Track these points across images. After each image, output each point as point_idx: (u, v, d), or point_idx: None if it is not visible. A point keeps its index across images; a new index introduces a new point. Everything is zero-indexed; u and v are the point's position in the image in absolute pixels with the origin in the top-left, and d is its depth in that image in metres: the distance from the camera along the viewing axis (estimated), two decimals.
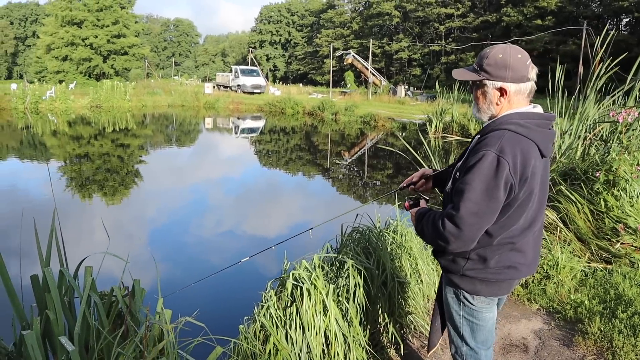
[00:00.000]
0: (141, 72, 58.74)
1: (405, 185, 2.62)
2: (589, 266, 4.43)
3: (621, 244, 4.48)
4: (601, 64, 5.50)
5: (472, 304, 2.13)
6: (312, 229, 2.86)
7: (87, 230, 7.24)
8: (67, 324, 2.39)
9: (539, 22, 42.22)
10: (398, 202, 4.30)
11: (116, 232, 7.01)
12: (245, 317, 3.00)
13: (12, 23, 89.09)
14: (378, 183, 12.19)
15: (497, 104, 2.01)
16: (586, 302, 3.79)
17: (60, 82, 42.31)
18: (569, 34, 37.33)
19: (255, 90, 40.26)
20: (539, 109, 2.03)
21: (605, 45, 5.43)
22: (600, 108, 5.83)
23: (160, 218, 8.29)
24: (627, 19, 42.78)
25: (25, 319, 2.34)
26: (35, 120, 23.54)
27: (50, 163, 13.20)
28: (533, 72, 2.00)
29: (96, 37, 52.21)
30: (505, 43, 2.09)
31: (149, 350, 2.08)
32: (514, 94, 1.98)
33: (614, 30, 6.04)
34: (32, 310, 2.31)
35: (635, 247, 4.45)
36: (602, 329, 3.43)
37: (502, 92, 1.98)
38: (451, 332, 2.29)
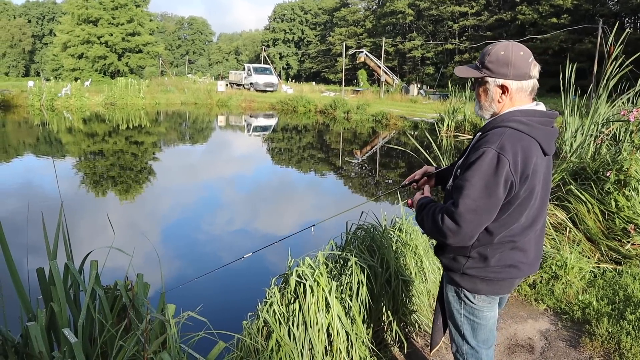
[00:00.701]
0: (155, 70, 59.16)
1: (407, 182, 2.62)
2: (598, 267, 4.39)
3: (632, 244, 4.43)
4: (614, 62, 5.43)
5: (473, 303, 2.12)
6: (314, 225, 2.87)
7: (94, 225, 7.32)
8: (72, 317, 2.43)
9: (554, 20, 41.71)
10: (403, 200, 4.29)
11: (123, 228, 7.08)
12: (249, 313, 3.01)
13: (29, 21, 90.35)
14: (390, 182, 12.16)
15: (499, 102, 2.00)
16: (594, 303, 3.75)
17: (76, 79, 42.78)
18: (585, 33, 36.79)
19: (268, 89, 40.34)
20: (541, 107, 2.02)
21: (619, 43, 5.35)
22: (613, 107, 5.76)
23: (168, 214, 8.36)
24: None
25: (32, 311, 2.39)
26: (50, 117, 23.86)
27: (59, 159, 13.36)
28: (535, 69, 1.98)
29: (111, 35, 52.73)
30: (508, 40, 2.08)
31: (151, 343, 2.10)
32: (515, 91, 1.97)
33: (630, 29, 5.95)
34: (38, 303, 2.36)
35: None
36: (610, 330, 3.40)
37: (504, 89, 1.97)
38: (452, 331, 2.28)
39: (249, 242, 6.91)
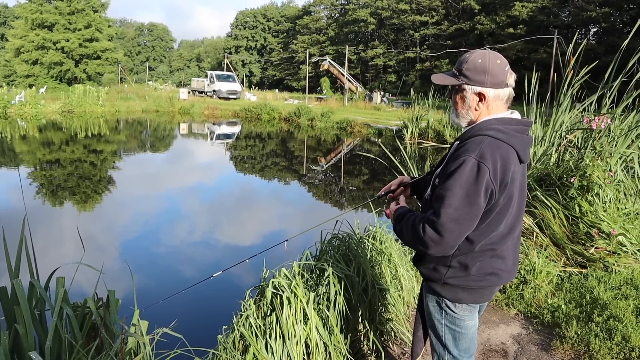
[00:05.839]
0: (114, 76, 57.76)
1: (383, 193, 2.59)
2: (565, 270, 4.50)
3: (595, 248, 4.56)
4: (573, 72, 5.61)
5: (454, 312, 2.12)
6: (287, 240, 2.82)
7: (58, 239, 7.04)
8: (38, 338, 2.30)
9: (511, 30, 43.04)
10: (376, 209, 4.30)
11: (89, 242, 6.83)
12: (224, 327, 2.93)
13: None
14: (355, 189, 12.21)
15: (476, 109, 2.01)
16: (563, 306, 3.83)
17: (30, 86, 41.31)
18: (540, 43, 38.14)
19: (231, 96, 40.01)
20: (516, 115, 2.04)
21: (578, 54, 5.54)
22: (571, 116, 5.94)
23: (135, 227, 8.11)
24: (594, 29, 43.96)
25: None
26: (3, 126, 22.92)
27: (19, 169, 12.84)
28: (511, 78, 2.00)
29: (68, 40, 51.09)
30: (484, 49, 2.10)
31: None
32: (492, 99, 1.98)
33: (583, 40, 6.17)
34: (0, 325, 2.21)
35: (609, 251, 4.53)
36: (579, 332, 3.47)
37: (481, 97, 1.98)
38: (433, 341, 2.26)
39: (221, 255, 6.78)
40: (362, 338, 3.27)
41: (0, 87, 30.46)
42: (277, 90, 61.27)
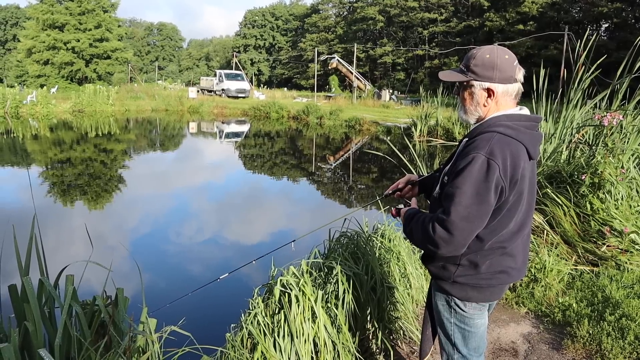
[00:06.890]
0: (124, 76, 58.08)
1: (390, 192, 2.58)
2: (576, 269, 4.45)
3: (607, 246, 4.50)
4: (583, 68, 5.55)
5: (463, 311, 2.09)
6: (294, 241, 2.81)
7: (68, 238, 7.09)
8: (47, 336, 2.31)
9: (521, 27, 42.67)
10: (384, 207, 4.27)
11: (98, 241, 6.87)
12: (232, 325, 2.93)
13: None
14: (363, 187, 12.18)
15: (485, 105, 1.99)
16: (574, 305, 3.79)
17: (42, 86, 41.64)
18: (550, 39, 37.72)
19: (240, 95, 40.08)
20: (525, 111, 2.01)
21: (587, 50, 5.48)
22: (582, 112, 5.88)
23: (143, 226, 8.15)
24: (606, 25, 43.48)
25: (3, 331, 2.25)
26: (15, 125, 23.15)
27: (30, 169, 12.95)
28: (520, 73, 1.98)
29: (78, 40, 51.45)
30: (493, 44, 2.08)
31: None
32: (501, 95, 1.96)
33: (594, 36, 6.09)
34: (10, 322, 2.23)
35: (621, 249, 4.48)
36: (590, 332, 3.43)
37: (490, 92, 1.96)
38: (442, 340, 2.24)
39: (229, 252, 6.79)
40: (370, 336, 3.26)
41: (13, 87, 30.77)
42: (285, 88, 61.30)
